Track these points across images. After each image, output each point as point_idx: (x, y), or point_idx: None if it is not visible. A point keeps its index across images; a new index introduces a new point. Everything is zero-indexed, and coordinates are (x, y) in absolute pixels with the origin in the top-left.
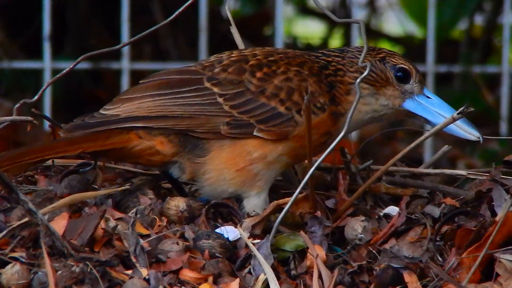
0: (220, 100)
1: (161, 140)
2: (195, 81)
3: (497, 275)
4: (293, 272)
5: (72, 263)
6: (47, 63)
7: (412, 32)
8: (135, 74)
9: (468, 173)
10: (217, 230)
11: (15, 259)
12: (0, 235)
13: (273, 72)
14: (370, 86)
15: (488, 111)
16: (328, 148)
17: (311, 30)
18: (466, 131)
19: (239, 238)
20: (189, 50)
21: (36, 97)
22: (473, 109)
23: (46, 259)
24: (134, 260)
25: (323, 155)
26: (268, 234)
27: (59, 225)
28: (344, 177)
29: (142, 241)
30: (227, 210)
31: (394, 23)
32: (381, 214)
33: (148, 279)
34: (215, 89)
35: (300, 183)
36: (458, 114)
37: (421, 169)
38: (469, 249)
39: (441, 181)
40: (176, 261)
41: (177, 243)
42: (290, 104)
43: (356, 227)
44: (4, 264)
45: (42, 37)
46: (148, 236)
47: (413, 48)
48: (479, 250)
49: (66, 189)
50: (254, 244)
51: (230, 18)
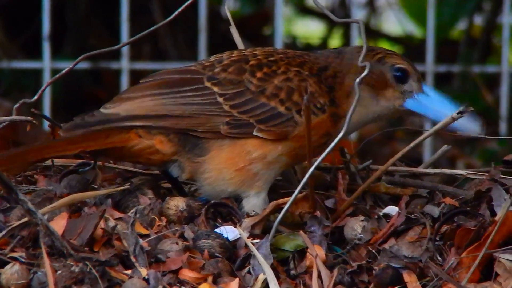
0: (220, 99)
1: (160, 139)
2: (195, 80)
3: (497, 274)
4: (292, 272)
5: (72, 263)
6: (46, 63)
7: (411, 32)
8: (134, 74)
9: (468, 173)
10: (217, 230)
11: (15, 259)
12: (0, 235)
13: (273, 72)
14: (370, 89)
15: (488, 111)
16: (327, 148)
17: (310, 30)
18: (467, 126)
19: (239, 238)
20: (189, 50)
21: (35, 97)
22: (473, 109)
23: (46, 259)
24: (133, 260)
25: (323, 155)
26: (267, 234)
27: (59, 225)
28: (343, 177)
29: (141, 241)
30: (226, 210)
31: (394, 23)
32: (381, 213)
33: (147, 279)
34: (215, 89)
35: (299, 183)
36: (457, 114)
37: (421, 169)
38: (468, 249)
39: (440, 180)
40: (176, 261)
41: (177, 243)
42: (290, 104)
43: (355, 227)
44: (3, 264)
45: (42, 37)
46: (148, 236)
47: (412, 48)
48: (479, 250)
49: (66, 189)
50: (253, 244)
51: (230, 18)
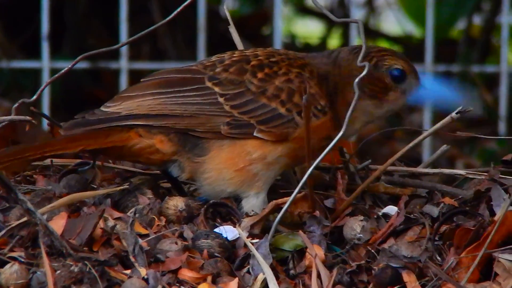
0: (221, 100)
1: (161, 139)
2: (196, 80)
3: (496, 274)
4: (292, 271)
5: (71, 263)
6: (45, 63)
7: (410, 32)
8: (133, 73)
9: (467, 173)
10: (216, 230)
11: (14, 258)
12: None
13: (274, 73)
14: (373, 99)
15: (487, 111)
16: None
17: (309, 29)
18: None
19: (238, 237)
20: (188, 49)
21: (34, 97)
22: (472, 109)
23: (45, 259)
24: (133, 259)
25: (322, 155)
26: (267, 234)
27: (58, 224)
28: (342, 177)
29: (141, 241)
30: (226, 209)
31: (393, 22)
32: (380, 213)
33: (147, 278)
34: (216, 89)
35: (299, 183)
36: (456, 113)
37: (420, 169)
38: (468, 249)
39: (439, 180)
40: (175, 261)
41: (176, 243)
42: (290, 105)
43: (355, 226)
44: (2, 264)
45: (41, 37)
46: (147, 235)
47: (411, 47)
48: (478, 250)
49: (65, 188)
50: (253, 243)
51: (229, 18)
